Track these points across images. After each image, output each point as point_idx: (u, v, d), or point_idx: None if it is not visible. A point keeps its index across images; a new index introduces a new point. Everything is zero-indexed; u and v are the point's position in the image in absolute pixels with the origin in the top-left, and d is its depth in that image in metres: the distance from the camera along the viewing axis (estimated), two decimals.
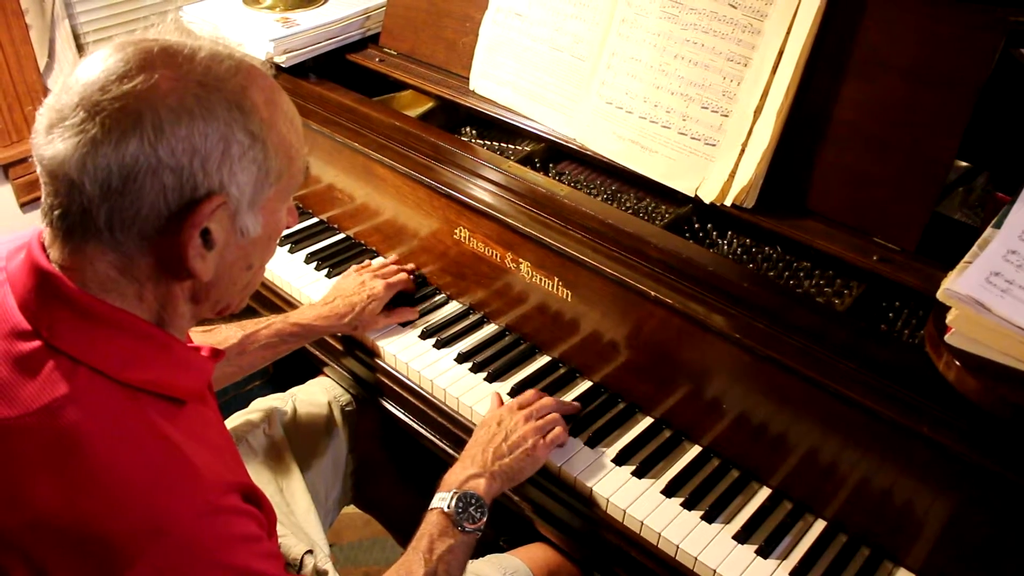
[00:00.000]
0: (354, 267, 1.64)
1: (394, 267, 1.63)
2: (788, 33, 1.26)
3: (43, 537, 0.74)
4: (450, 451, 1.43)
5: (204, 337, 1.37)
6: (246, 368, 1.42)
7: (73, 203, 0.78)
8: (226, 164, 0.80)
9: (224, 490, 0.83)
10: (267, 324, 1.44)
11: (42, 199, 0.82)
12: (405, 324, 1.57)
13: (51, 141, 0.77)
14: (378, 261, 1.68)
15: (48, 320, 0.80)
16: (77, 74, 0.79)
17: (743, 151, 1.31)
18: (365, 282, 1.55)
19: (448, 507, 1.15)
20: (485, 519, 1.16)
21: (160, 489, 0.77)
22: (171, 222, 0.79)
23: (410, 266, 1.66)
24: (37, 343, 0.79)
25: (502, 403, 1.36)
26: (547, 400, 1.34)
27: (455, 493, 1.16)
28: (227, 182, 0.80)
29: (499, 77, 1.62)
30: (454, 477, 1.20)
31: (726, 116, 1.33)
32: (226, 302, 0.93)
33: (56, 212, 0.80)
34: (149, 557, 0.74)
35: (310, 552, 1.30)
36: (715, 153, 1.35)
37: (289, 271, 1.72)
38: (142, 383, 0.82)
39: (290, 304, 1.70)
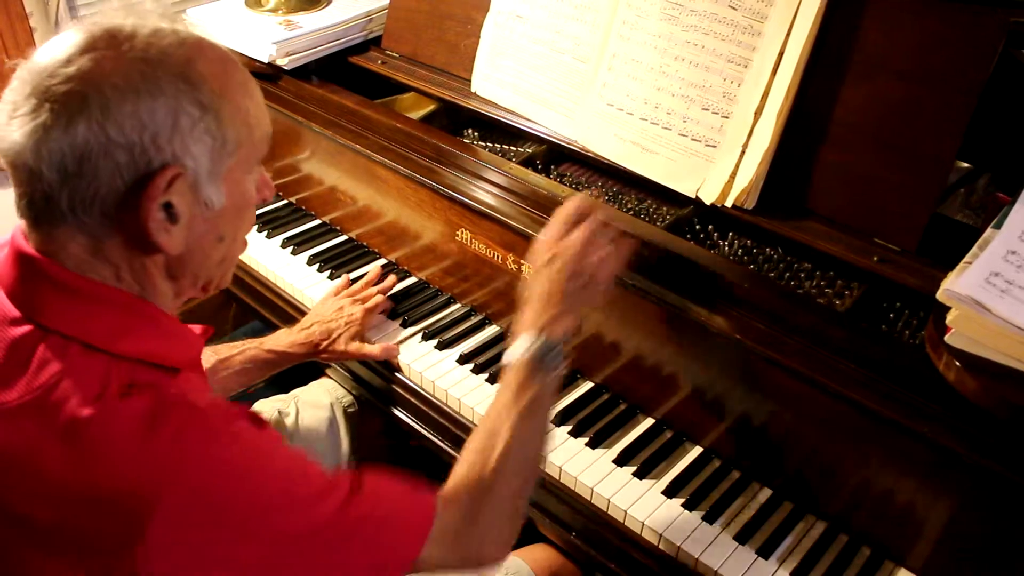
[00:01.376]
0: (333, 290, 1.61)
1: (373, 290, 1.60)
2: (788, 34, 1.27)
3: (62, 510, 0.77)
4: (451, 451, 1.44)
5: None
6: (219, 393, 1.39)
7: (36, 190, 0.79)
8: (177, 136, 0.80)
9: (225, 410, 0.85)
10: (241, 350, 1.43)
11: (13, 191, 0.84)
12: (407, 325, 1.57)
13: (9, 131, 0.79)
14: (361, 278, 1.64)
15: (36, 303, 0.82)
16: (30, 62, 0.80)
17: (744, 152, 1.31)
18: (343, 307, 1.53)
19: (528, 354, 1.08)
20: (565, 365, 1.11)
21: (162, 433, 0.78)
22: (129, 198, 0.79)
23: (390, 279, 1.64)
24: (28, 327, 0.81)
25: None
26: (583, 208, 1.18)
27: (534, 339, 1.09)
28: (180, 154, 0.80)
29: (501, 79, 1.63)
30: (527, 320, 1.12)
31: (726, 118, 1.34)
32: (206, 277, 0.93)
33: (23, 201, 0.82)
34: (169, 496, 0.76)
35: None
36: (715, 154, 1.35)
37: (292, 273, 1.73)
38: (135, 354, 0.83)
39: (292, 306, 1.71)
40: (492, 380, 1.45)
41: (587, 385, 1.45)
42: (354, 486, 0.90)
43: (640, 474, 1.29)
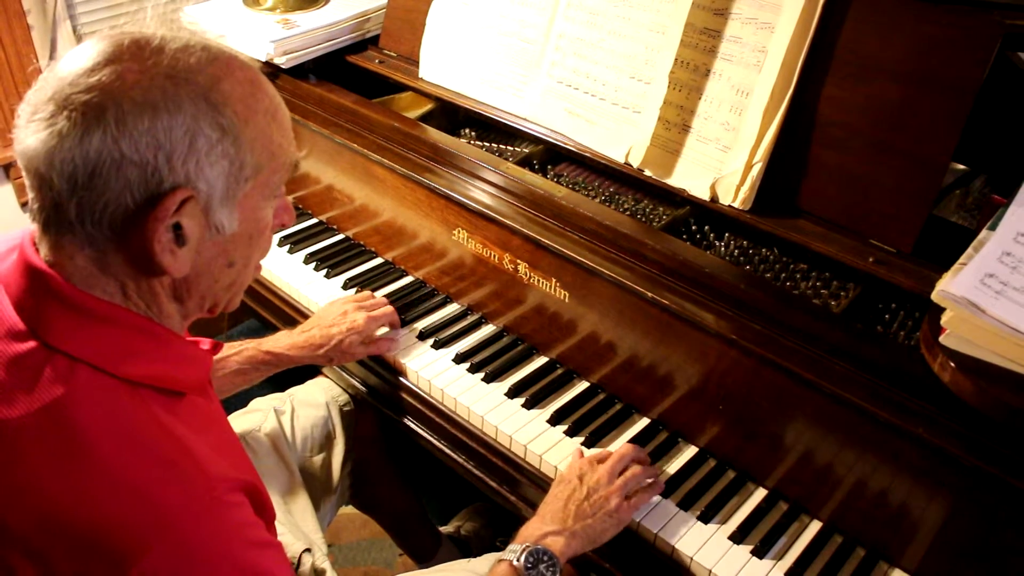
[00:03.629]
0: (342, 297, 1.59)
1: (380, 299, 1.57)
2: (786, 35, 1.27)
3: (51, 535, 0.74)
4: (447, 451, 1.44)
5: None
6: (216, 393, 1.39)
7: (46, 198, 0.78)
8: (192, 158, 0.77)
9: (228, 486, 0.82)
10: (239, 350, 1.41)
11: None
12: (403, 324, 1.57)
13: (26, 134, 0.77)
14: (366, 294, 1.62)
15: (43, 318, 0.80)
16: (55, 68, 0.79)
17: (741, 153, 1.32)
18: (347, 312, 1.50)
19: (518, 560, 1.10)
20: (556, 574, 1.11)
21: (164, 483, 0.77)
22: (137, 216, 0.77)
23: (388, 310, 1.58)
24: (33, 343, 0.79)
25: (582, 455, 1.29)
26: (628, 451, 1.27)
27: (527, 548, 1.11)
28: (194, 176, 0.78)
29: (449, 64, 1.68)
30: (530, 531, 1.15)
31: (648, 84, 1.37)
32: (212, 300, 0.90)
33: (35, 206, 0.80)
34: (155, 551, 0.74)
35: (308, 551, 1.30)
36: (640, 120, 1.42)
37: (288, 272, 1.73)
38: (141, 378, 0.82)
39: (288, 304, 1.71)
40: (488, 379, 1.45)
41: (583, 385, 1.45)
42: None
43: None
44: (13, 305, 0.81)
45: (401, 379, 1.51)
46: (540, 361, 1.49)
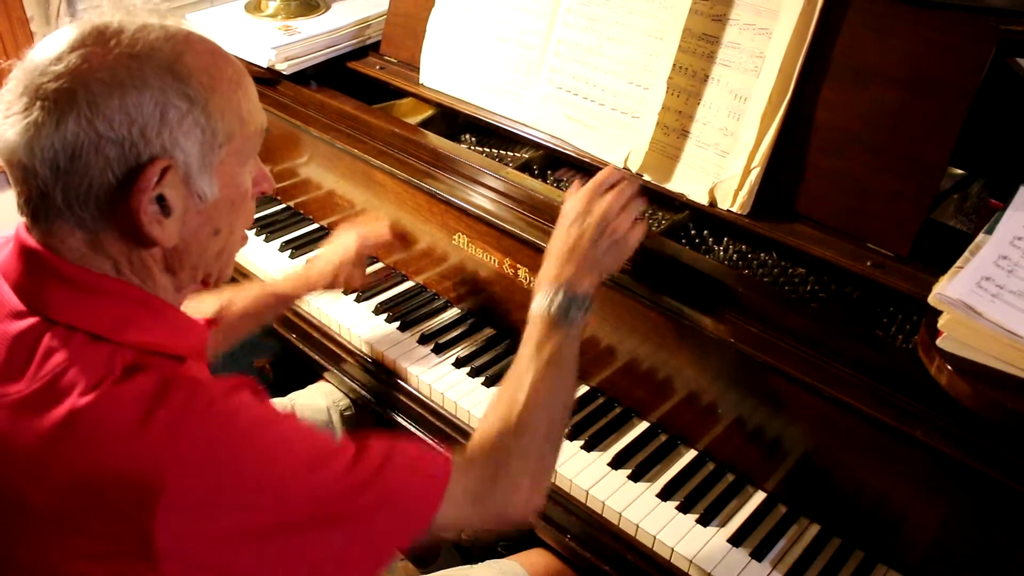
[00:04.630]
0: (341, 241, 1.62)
1: (379, 233, 1.61)
2: (783, 40, 1.28)
3: (71, 500, 0.77)
4: None
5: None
6: (230, 337, 1.41)
7: (32, 187, 0.81)
8: (165, 129, 0.80)
9: (224, 388, 0.85)
10: (244, 293, 1.44)
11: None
12: (404, 329, 1.58)
13: (4, 130, 0.80)
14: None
15: (42, 296, 0.83)
16: (24, 62, 0.82)
17: (740, 157, 1.32)
18: (341, 243, 1.55)
19: (550, 312, 1.10)
20: (590, 315, 1.12)
21: (162, 416, 0.78)
22: (121, 191, 0.80)
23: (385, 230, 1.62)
24: (33, 319, 0.82)
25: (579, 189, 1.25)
26: (610, 173, 1.23)
27: (556, 292, 1.11)
28: (170, 146, 0.81)
29: (449, 70, 1.68)
30: (550, 274, 1.14)
31: (647, 89, 1.39)
32: (204, 271, 0.93)
33: (22, 199, 0.83)
34: (172, 483, 0.76)
35: None
36: (639, 125, 1.43)
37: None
38: (140, 344, 0.84)
39: (289, 308, 1.71)
40: (488, 383, 1.46)
41: (582, 389, 1.45)
42: (360, 449, 0.89)
43: (635, 477, 1.30)
44: (12, 289, 0.84)
45: (401, 383, 1.52)
46: None
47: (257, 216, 1.87)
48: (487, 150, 1.70)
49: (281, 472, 0.83)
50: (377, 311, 1.63)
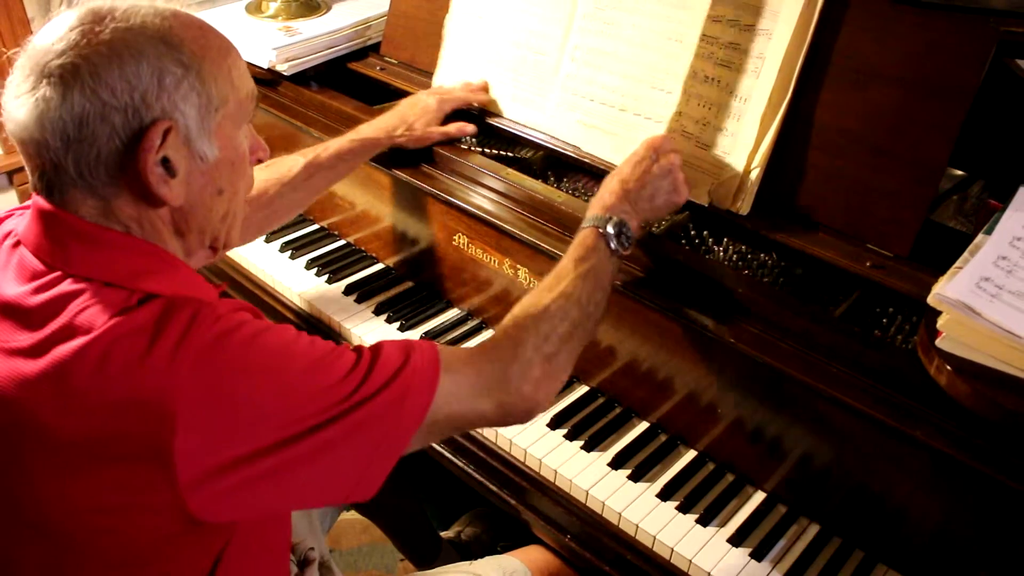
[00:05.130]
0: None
1: (459, 92, 1.64)
2: (784, 41, 1.28)
3: (99, 426, 0.81)
4: (447, 456, 1.44)
5: (267, 172, 1.43)
6: (313, 192, 1.51)
7: (45, 161, 0.86)
8: (164, 94, 0.86)
9: (228, 308, 0.89)
10: (325, 147, 1.49)
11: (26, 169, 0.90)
12: (403, 330, 1.58)
13: (15, 111, 0.86)
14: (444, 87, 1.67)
15: (60, 252, 0.87)
16: (27, 49, 0.87)
17: (740, 158, 1.33)
18: (419, 100, 1.59)
19: (605, 229, 1.16)
20: (630, 249, 1.18)
21: (170, 338, 0.82)
22: (128, 154, 0.86)
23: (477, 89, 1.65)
24: (54, 274, 0.87)
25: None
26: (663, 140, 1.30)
27: (611, 218, 1.17)
28: (169, 109, 0.87)
29: (464, 77, 1.67)
30: (610, 199, 1.20)
31: (670, 93, 1.38)
32: (211, 234, 0.98)
33: (36, 175, 0.89)
34: (184, 407, 0.80)
35: (312, 549, 1.31)
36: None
37: (290, 277, 1.74)
38: (155, 292, 0.87)
39: (290, 310, 1.72)
40: None
41: (582, 389, 1.45)
42: (364, 352, 0.94)
43: (635, 477, 1.30)
44: (33, 252, 0.89)
45: None
46: None
47: None
48: (487, 151, 1.70)
49: (290, 379, 0.87)
50: (378, 311, 1.64)
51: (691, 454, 1.34)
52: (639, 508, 1.25)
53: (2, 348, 0.85)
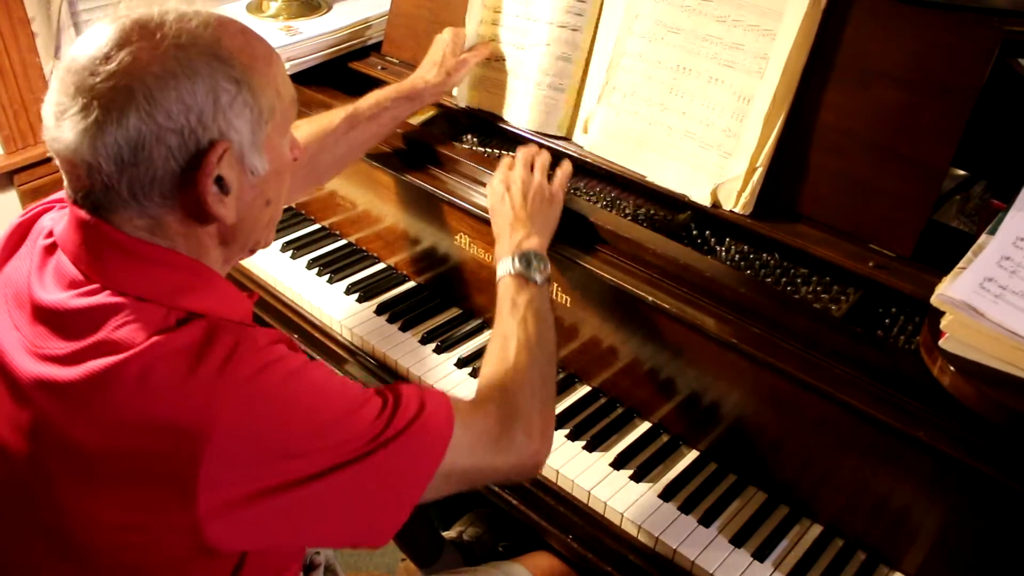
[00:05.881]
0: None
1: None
2: (788, 42, 1.28)
3: (127, 444, 0.80)
4: None
5: (306, 127, 1.42)
6: (356, 146, 1.49)
7: (96, 182, 0.84)
8: (220, 113, 0.84)
9: (270, 336, 0.89)
10: (365, 97, 1.49)
11: (64, 185, 0.88)
12: (404, 329, 1.58)
13: (61, 131, 0.82)
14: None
15: (99, 266, 0.86)
16: (67, 63, 0.84)
17: (743, 158, 1.32)
18: (435, 40, 1.59)
19: (513, 269, 1.21)
20: (549, 269, 1.23)
21: (211, 364, 0.81)
22: (185, 177, 0.84)
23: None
24: (92, 286, 0.85)
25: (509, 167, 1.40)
26: (529, 150, 1.40)
27: (512, 256, 1.22)
28: (225, 129, 0.85)
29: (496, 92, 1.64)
30: (503, 247, 1.26)
31: (738, 124, 1.35)
32: (255, 239, 0.98)
33: (80, 194, 0.86)
34: (218, 433, 0.79)
35: (318, 553, 1.31)
36: (720, 160, 1.36)
37: (291, 277, 1.74)
38: (193, 310, 0.87)
39: (292, 310, 1.72)
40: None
41: (584, 389, 1.45)
42: (382, 394, 0.94)
43: (637, 477, 1.30)
44: (72, 261, 0.87)
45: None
46: None
47: None
48: (489, 151, 1.70)
49: (322, 419, 0.86)
50: (379, 311, 1.64)
51: (693, 454, 1.34)
52: (641, 508, 1.25)
53: (36, 352, 0.85)
